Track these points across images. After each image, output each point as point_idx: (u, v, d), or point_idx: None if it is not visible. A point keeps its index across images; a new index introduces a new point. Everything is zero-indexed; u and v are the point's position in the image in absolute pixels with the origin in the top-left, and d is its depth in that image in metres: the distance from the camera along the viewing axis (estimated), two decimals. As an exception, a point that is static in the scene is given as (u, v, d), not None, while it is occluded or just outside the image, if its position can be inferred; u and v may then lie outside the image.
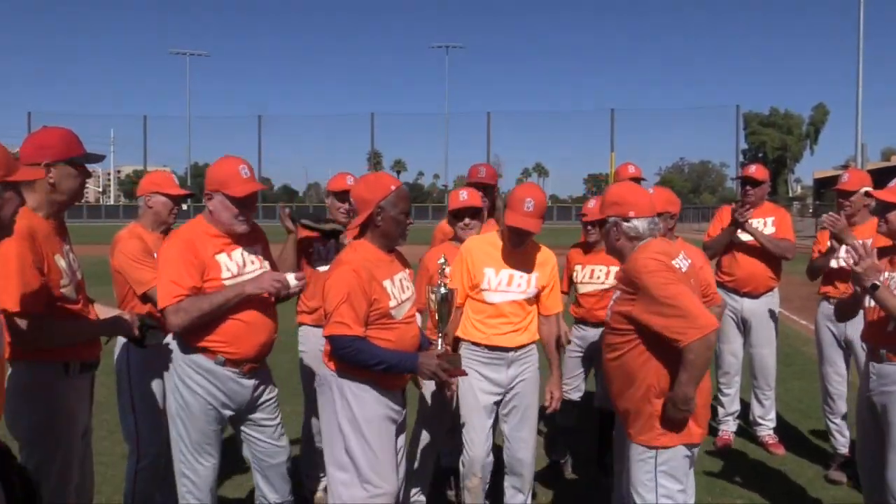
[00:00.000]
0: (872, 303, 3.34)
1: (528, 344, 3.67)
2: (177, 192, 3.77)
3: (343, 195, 4.19)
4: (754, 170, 5.31)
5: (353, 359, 2.94)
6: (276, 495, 3.36)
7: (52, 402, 2.81)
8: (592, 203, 4.38)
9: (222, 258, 3.13)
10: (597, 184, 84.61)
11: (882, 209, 3.34)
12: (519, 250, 3.59)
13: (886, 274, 3.21)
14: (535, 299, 3.69)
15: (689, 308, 2.82)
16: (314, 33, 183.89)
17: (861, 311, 3.52)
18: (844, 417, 4.83)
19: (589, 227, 4.53)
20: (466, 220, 3.94)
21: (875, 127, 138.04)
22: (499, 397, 3.66)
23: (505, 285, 3.59)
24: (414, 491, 3.89)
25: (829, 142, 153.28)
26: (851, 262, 3.07)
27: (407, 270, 3.25)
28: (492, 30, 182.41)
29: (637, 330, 2.93)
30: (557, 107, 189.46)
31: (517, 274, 3.61)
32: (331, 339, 2.96)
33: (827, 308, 4.87)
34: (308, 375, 4.15)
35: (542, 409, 3.86)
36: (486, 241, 3.69)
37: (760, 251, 5.17)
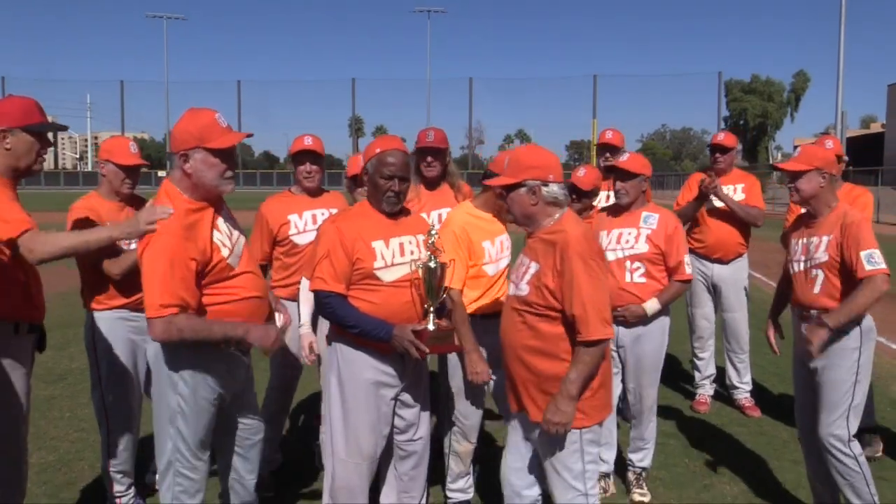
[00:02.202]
0: (801, 266, 3.44)
1: None
2: (126, 162, 3.58)
3: (301, 156, 4.06)
4: (723, 137, 5.45)
5: (330, 315, 3.04)
6: (251, 474, 3.11)
7: (6, 359, 2.93)
8: (582, 171, 4.28)
9: (217, 237, 2.79)
10: (579, 151, 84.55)
11: None
12: (496, 214, 3.57)
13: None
14: None
15: (604, 309, 2.66)
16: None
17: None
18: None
19: (572, 196, 4.44)
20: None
21: (855, 95, 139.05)
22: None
23: (500, 252, 3.61)
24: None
25: (810, 109, 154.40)
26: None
27: (418, 236, 3.15)
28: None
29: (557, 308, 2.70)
30: (540, 73, 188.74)
31: (504, 238, 3.65)
32: (313, 293, 3.06)
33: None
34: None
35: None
36: (469, 214, 3.55)
37: (730, 218, 5.27)
